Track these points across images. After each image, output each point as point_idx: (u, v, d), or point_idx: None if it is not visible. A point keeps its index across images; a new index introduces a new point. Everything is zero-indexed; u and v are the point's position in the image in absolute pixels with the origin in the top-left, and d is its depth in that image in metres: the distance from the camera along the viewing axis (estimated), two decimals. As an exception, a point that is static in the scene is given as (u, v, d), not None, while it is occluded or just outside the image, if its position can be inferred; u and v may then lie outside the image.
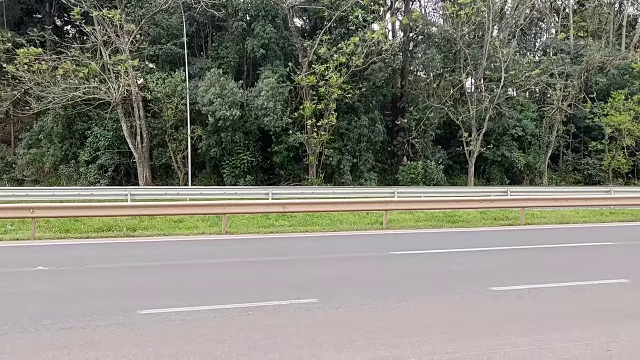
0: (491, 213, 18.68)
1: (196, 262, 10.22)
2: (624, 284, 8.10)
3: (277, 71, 28.62)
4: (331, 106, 28.25)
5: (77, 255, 10.94)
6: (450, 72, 32.49)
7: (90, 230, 14.22)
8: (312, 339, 5.41)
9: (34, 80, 27.74)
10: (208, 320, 6.04)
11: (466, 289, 7.57)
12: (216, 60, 31.07)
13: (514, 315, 6.37)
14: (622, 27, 39.03)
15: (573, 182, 34.94)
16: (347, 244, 12.85)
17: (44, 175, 31.95)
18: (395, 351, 5.08)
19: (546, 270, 9.20)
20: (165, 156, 30.52)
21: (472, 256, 10.83)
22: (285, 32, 29.93)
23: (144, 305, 6.58)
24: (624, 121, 31.34)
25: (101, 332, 5.62)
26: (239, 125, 27.99)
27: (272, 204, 16.71)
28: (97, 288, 7.74)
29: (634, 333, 5.71)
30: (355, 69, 28.05)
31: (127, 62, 27.52)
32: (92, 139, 29.94)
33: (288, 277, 8.70)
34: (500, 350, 5.12)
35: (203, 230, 14.59)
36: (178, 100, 28.33)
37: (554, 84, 32.87)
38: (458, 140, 32.52)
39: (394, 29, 36.23)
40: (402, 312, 6.47)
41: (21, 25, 32.71)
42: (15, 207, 14.44)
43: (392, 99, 34.42)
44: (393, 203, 16.95)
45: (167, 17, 30.15)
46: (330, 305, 6.68)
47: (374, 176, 31.24)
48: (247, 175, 29.28)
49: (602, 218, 18.28)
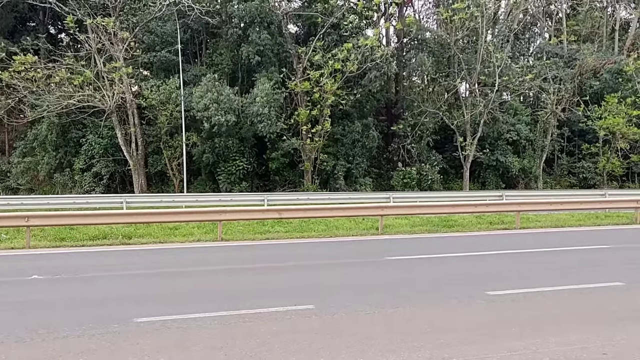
0: (487, 217, 18.72)
1: (192, 269, 10.20)
2: (619, 287, 8.13)
3: (272, 77, 28.62)
4: (326, 112, 28.28)
5: (73, 263, 10.90)
6: (445, 77, 32.57)
7: (86, 239, 14.17)
8: (308, 345, 5.41)
9: (28, 89, 27.64)
10: (204, 328, 6.03)
11: (462, 294, 7.58)
12: (211, 67, 31.07)
13: (510, 320, 6.38)
14: (615, 31, 39.25)
15: (568, 186, 35.01)
16: (343, 249, 12.85)
17: (39, 183, 31.82)
18: (391, 357, 5.08)
19: (542, 274, 9.22)
20: (161, 163, 30.45)
21: (468, 261, 10.85)
22: (280, 38, 29.96)
23: (140, 314, 6.56)
24: (618, 124, 31.48)
25: (97, 340, 5.61)
26: (234, 131, 27.97)
27: (268, 210, 16.71)
28: (92, 296, 7.72)
29: (630, 336, 5.74)
30: (349, 75, 28.09)
31: (121, 69, 27.48)
32: (86, 146, 29.86)
33: (284, 283, 8.70)
34: (496, 354, 5.13)
35: (199, 237, 14.56)
36: (173, 107, 28.30)
37: (548, 88, 33.00)
38: (453, 145, 32.57)
39: (388, 34, 36.35)
40: (398, 318, 6.48)
41: (15, 34, 32.65)
42: (10, 216, 14.36)
43: (386, 104, 34.47)
44: (389, 208, 16.97)
45: (161, 24, 30.14)
46: (326, 311, 6.69)
47: (369, 182, 31.24)
48: (243, 182, 29.25)
49: (597, 221, 18.33)
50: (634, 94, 32.39)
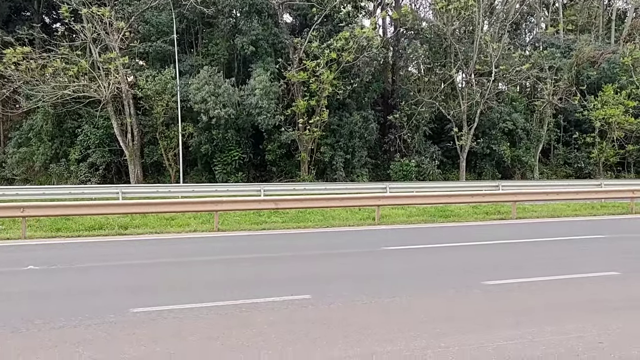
0: (483, 207, 18.76)
1: (188, 259, 10.18)
2: (615, 277, 8.16)
3: (268, 68, 28.51)
4: (323, 102, 28.20)
5: (69, 254, 10.87)
6: (441, 66, 32.51)
7: (82, 229, 14.13)
8: (305, 335, 5.41)
9: (23, 79, 27.50)
10: (201, 318, 6.03)
11: (459, 284, 7.59)
12: (206, 57, 30.92)
13: (507, 309, 6.40)
14: (612, 21, 39.25)
15: (564, 176, 35.09)
16: (340, 239, 12.85)
17: (34, 174, 31.71)
18: (388, 346, 5.09)
19: (538, 264, 9.24)
20: (157, 154, 30.37)
21: (465, 251, 10.87)
22: (275, 28, 29.79)
23: (136, 304, 6.55)
24: (615, 114, 31.50)
25: (93, 331, 5.60)
26: (232, 123, 27.89)
27: (264, 201, 16.70)
28: (88, 287, 7.71)
29: (625, 325, 5.76)
30: (345, 65, 27.99)
31: (117, 59, 27.34)
32: (82, 137, 29.75)
33: (281, 273, 8.70)
34: (493, 343, 5.14)
35: (195, 227, 14.54)
36: (169, 98, 28.18)
37: (545, 78, 32.98)
38: (449, 136, 32.58)
39: (384, 24, 36.22)
40: (395, 307, 6.48)
41: (9, 24, 32.38)
42: (6, 207, 14.28)
43: (383, 94, 34.39)
44: (385, 198, 16.96)
45: (156, 14, 29.96)
46: (323, 301, 6.69)
47: (366, 172, 31.23)
48: (239, 172, 29.21)
49: (593, 211, 18.40)
50: (630, 85, 32.41)
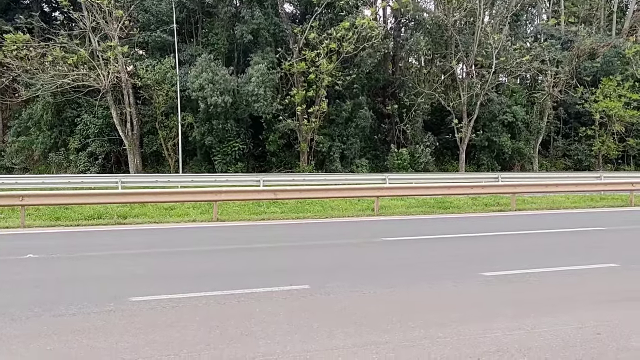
0: (482, 199, 18.77)
1: (187, 249, 10.19)
2: (614, 269, 8.16)
3: (268, 57, 28.41)
4: (322, 92, 28.13)
5: (68, 243, 10.88)
6: (441, 57, 32.40)
7: (81, 218, 14.14)
8: (303, 325, 5.42)
9: (22, 68, 27.42)
10: (200, 307, 6.03)
11: (458, 275, 7.59)
12: (206, 46, 30.81)
13: (505, 301, 6.40)
14: (613, 13, 39.04)
15: (563, 168, 35.12)
16: (339, 230, 12.85)
17: (34, 163, 31.71)
18: (386, 336, 5.09)
19: (537, 255, 9.24)
20: (156, 143, 30.34)
21: (463, 242, 10.87)
22: (276, 18, 29.67)
23: (135, 293, 6.56)
24: (615, 107, 31.46)
25: (92, 319, 5.60)
26: (230, 112, 27.83)
27: (264, 191, 16.69)
28: (87, 276, 7.71)
29: (624, 317, 5.76)
30: (346, 55, 27.89)
31: (116, 48, 27.25)
32: (81, 126, 29.71)
33: (280, 263, 8.70)
34: (491, 334, 5.15)
35: (194, 217, 14.56)
36: (168, 87, 28.12)
37: (545, 70, 32.89)
38: (448, 127, 32.53)
39: (385, 14, 36.05)
40: (393, 298, 6.49)
41: (8, 12, 32.22)
42: (5, 195, 14.28)
43: (382, 85, 34.30)
44: (384, 189, 16.96)
45: (156, 3, 29.81)
46: (321, 291, 6.69)
47: (365, 163, 31.21)
48: (239, 163, 29.21)
49: (592, 203, 18.40)
50: (632, 77, 32.33)
